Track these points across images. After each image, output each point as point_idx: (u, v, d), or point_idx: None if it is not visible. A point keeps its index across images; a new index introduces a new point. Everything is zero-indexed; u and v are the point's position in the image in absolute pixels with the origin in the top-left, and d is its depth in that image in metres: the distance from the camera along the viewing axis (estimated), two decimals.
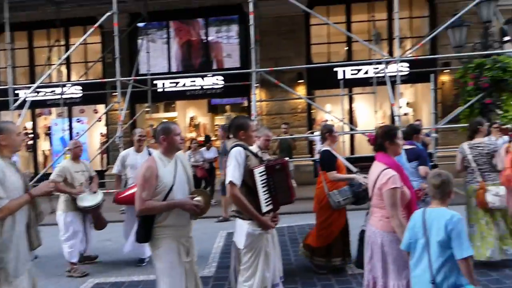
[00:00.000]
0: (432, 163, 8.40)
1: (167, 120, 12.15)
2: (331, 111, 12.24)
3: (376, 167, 2.97)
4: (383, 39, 11.36)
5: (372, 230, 2.96)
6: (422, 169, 4.49)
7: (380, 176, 2.84)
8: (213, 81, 11.45)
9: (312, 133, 10.18)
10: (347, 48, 11.22)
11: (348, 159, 7.58)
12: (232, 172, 2.92)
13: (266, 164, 3.10)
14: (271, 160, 3.43)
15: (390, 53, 9.42)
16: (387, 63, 9.10)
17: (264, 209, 2.98)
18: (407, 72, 10.72)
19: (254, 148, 3.36)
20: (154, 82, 11.40)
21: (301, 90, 10.90)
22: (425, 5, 10.90)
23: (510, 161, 5.62)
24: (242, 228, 3.02)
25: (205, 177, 8.79)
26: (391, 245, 2.82)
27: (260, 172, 2.99)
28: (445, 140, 10.58)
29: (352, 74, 10.94)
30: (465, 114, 8.98)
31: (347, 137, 11.64)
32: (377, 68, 10.12)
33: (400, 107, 12.28)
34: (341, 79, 10.55)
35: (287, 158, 3.58)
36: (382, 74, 9.29)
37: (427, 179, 2.66)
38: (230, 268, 3.42)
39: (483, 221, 4.62)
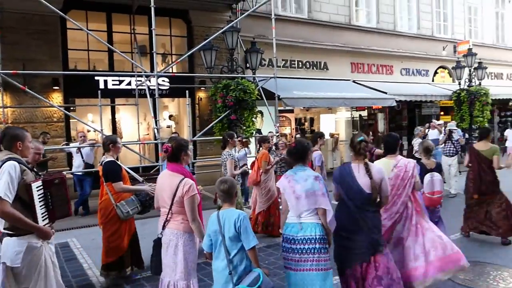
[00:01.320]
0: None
1: None
2: (93, 121, 11.70)
3: (172, 176, 3.28)
4: (147, 53, 11.60)
5: (174, 233, 3.22)
6: None
7: (181, 185, 3.17)
8: None
9: (68, 144, 9.41)
10: (109, 57, 10.90)
11: None
12: (4, 188, 2.73)
13: (43, 179, 3.06)
14: (46, 175, 3.41)
15: (153, 67, 9.70)
16: (147, 76, 9.35)
17: (41, 223, 2.96)
18: (168, 87, 11.27)
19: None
20: None
21: (57, 98, 9.92)
22: (183, 26, 11.73)
23: (252, 166, 6.82)
24: (16, 245, 2.83)
25: None
26: (191, 244, 3.22)
27: (37, 187, 2.95)
28: (203, 151, 11.61)
29: (114, 85, 10.69)
30: (217, 128, 10.12)
31: None
32: (140, 80, 10.26)
33: (164, 119, 12.86)
34: (102, 89, 10.17)
35: (65, 173, 3.64)
36: (144, 87, 9.49)
37: (216, 186, 3.08)
38: None
39: None
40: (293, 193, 3.27)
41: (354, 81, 14.48)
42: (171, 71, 10.66)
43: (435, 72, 17.74)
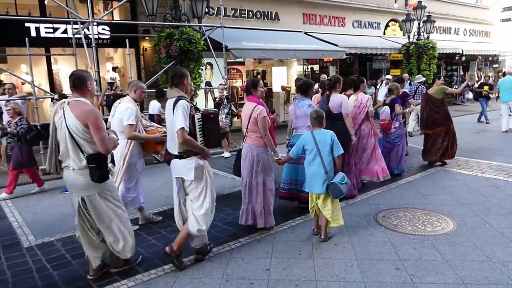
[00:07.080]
0: None
1: None
2: (27, 73, 10.87)
3: (249, 104, 4.40)
4: None
5: (250, 147, 4.38)
6: None
7: (255, 110, 4.27)
8: None
9: None
10: (40, 2, 9.95)
11: (43, 126, 6.99)
12: (183, 121, 3.41)
13: (202, 113, 3.66)
14: (203, 111, 3.95)
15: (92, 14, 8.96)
16: (83, 23, 8.70)
17: None
18: (108, 36, 10.57)
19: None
20: None
21: None
22: None
23: None
24: (187, 164, 3.55)
25: None
26: (262, 155, 4.36)
27: (198, 118, 3.57)
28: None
29: (47, 33, 9.87)
30: (162, 79, 9.74)
31: (49, 103, 10.67)
32: (76, 28, 9.53)
33: (108, 71, 12.19)
34: (34, 37, 9.36)
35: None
36: (81, 36, 8.83)
37: (310, 115, 4.34)
38: (176, 203, 3.75)
39: None
40: (294, 114, 5.20)
41: (305, 33, 14.27)
42: (111, 18, 9.96)
43: (387, 25, 17.83)
